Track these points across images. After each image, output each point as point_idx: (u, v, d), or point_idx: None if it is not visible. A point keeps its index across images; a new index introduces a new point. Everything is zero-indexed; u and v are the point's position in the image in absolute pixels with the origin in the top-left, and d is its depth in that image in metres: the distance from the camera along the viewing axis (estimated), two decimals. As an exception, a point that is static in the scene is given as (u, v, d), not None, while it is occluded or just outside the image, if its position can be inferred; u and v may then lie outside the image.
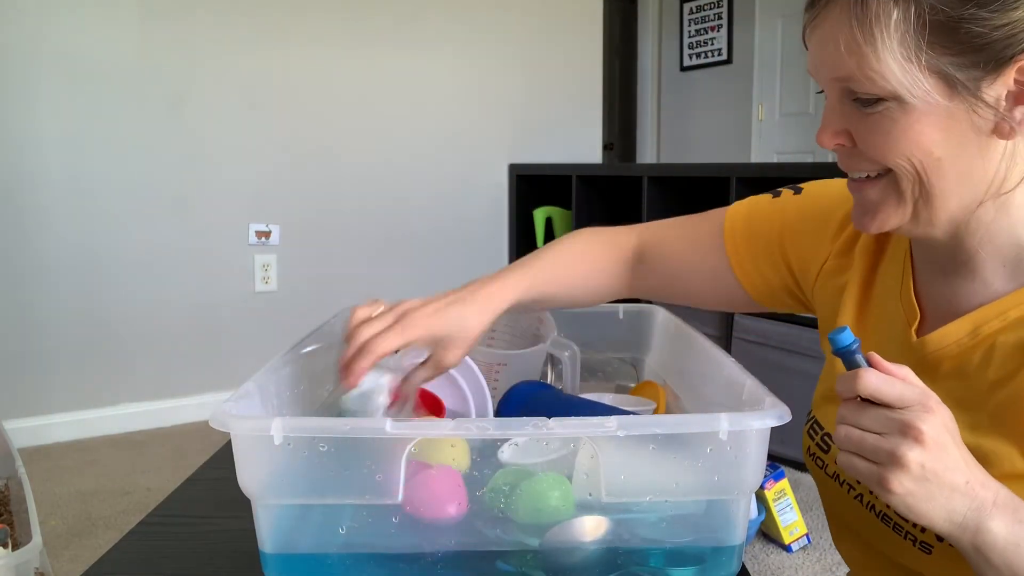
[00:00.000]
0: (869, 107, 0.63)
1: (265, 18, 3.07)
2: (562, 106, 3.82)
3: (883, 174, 0.65)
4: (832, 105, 0.66)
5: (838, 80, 0.64)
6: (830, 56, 0.63)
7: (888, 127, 0.63)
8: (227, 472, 0.63)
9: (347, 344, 0.75)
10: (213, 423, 0.60)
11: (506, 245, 3.74)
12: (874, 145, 0.64)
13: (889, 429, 0.57)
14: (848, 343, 0.59)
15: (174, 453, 2.76)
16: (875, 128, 0.63)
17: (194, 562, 0.74)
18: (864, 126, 0.64)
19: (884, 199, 0.66)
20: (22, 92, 2.70)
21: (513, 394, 0.88)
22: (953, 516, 0.57)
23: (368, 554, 0.64)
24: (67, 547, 2.07)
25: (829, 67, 0.64)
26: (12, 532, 0.82)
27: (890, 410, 0.57)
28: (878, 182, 0.66)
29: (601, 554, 0.64)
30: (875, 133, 0.63)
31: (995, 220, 0.66)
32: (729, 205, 0.91)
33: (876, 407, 0.58)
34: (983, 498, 0.57)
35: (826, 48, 0.64)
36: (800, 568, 1.99)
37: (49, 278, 2.79)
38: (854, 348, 0.59)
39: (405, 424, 0.60)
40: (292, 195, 3.19)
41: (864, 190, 0.67)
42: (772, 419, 0.60)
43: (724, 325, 2.74)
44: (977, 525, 0.57)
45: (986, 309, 0.67)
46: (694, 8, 5.24)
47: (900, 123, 0.62)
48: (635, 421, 0.60)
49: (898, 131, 0.63)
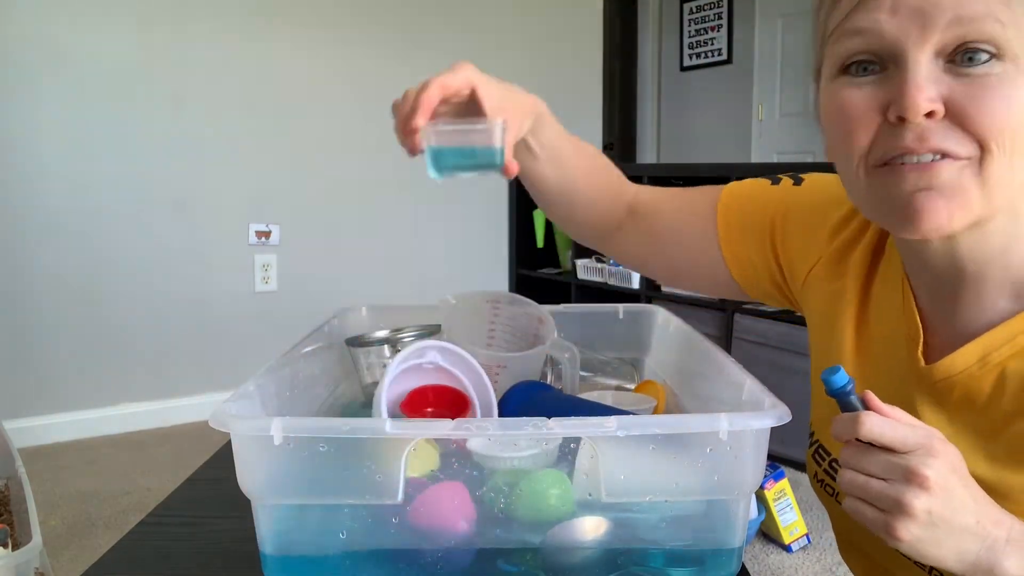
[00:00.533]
0: (980, 66, 0.54)
1: (265, 18, 3.07)
2: (562, 106, 3.79)
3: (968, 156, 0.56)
4: (923, 66, 0.55)
5: (957, 23, 0.54)
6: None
7: (1009, 92, 0.54)
8: (227, 472, 0.63)
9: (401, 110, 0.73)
10: (213, 423, 0.60)
11: (506, 245, 3.74)
12: (989, 112, 0.54)
13: (894, 475, 0.54)
14: (842, 384, 0.56)
15: (174, 453, 2.76)
16: (993, 91, 0.54)
17: (194, 562, 0.74)
18: (976, 89, 0.54)
19: (963, 184, 0.56)
20: (22, 92, 2.70)
21: (512, 395, 0.88)
22: (965, 556, 0.55)
23: (368, 554, 0.64)
24: (67, 547, 2.07)
25: (947, 8, 0.54)
26: (12, 532, 0.82)
27: (894, 455, 0.55)
28: (955, 163, 0.56)
29: (601, 554, 0.64)
30: (994, 97, 0.54)
31: (1011, 232, 0.61)
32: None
33: (879, 451, 0.55)
34: (995, 536, 0.55)
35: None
36: (800, 568, 1.99)
37: (49, 278, 2.79)
38: (849, 389, 0.57)
39: (405, 424, 0.60)
40: (292, 195, 3.19)
41: (939, 170, 0.56)
42: (772, 419, 0.60)
43: (724, 325, 2.74)
44: (991, 564, 0.55)
45: (994, 334, 0.62)
46: (694, 8, 5.24)
47: (1020, 89, 0.54)
48: (635, 421, 0.60)
49: (1019, 98, 0.54)
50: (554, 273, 3.59)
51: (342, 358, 1.02)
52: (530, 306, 1.02)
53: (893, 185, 0.57)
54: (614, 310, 1.12)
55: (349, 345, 1.01)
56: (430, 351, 0.80)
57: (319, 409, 0.90)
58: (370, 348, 1.00)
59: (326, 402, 0.94)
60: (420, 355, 0.79)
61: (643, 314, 1.12)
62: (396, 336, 1.01)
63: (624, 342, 1.12)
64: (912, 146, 0.56)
